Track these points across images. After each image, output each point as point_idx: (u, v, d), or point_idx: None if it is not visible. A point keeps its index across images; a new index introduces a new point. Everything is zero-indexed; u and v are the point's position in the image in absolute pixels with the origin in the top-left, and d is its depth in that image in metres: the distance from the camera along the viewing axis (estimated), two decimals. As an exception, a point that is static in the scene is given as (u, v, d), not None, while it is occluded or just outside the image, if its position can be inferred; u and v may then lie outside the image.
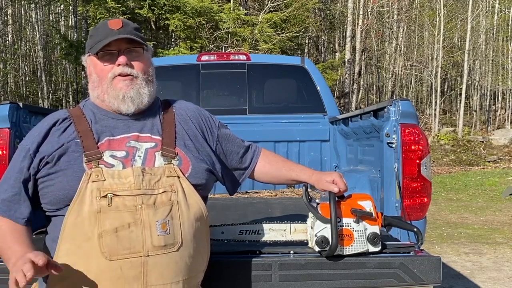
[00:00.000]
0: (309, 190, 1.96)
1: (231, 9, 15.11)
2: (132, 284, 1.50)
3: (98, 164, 1.57)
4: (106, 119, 1.70)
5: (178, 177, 1.62)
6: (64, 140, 1.63)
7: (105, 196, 1.51)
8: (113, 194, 1.52)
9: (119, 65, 1.67)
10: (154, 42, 13.38)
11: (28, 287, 1.66)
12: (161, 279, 1.53)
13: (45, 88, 21.43)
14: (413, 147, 2.55)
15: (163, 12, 13.37)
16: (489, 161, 16.89)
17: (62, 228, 1.52)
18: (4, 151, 2.37)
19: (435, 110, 21.49)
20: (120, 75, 1.67)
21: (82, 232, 1.50)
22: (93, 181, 1.53)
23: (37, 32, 22.86)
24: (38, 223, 1.74)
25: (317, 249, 1.88)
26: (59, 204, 1.58)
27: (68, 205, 1.53)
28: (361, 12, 20.99)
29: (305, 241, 2.03)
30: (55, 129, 1.66)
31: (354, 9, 21.01)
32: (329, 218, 1.84)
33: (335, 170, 4.10)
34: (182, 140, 1.73)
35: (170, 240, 1.55)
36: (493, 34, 25.09)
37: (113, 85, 1.67)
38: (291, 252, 1.95)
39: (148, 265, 1.51)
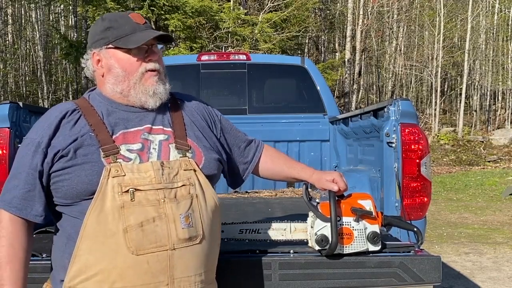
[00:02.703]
0: (309, 189, 1.96)
1: (231, 8, 15.11)
2: (159, 278, 1.50)
3: (116, 159, 1.55)
4: (117, 111, 1.66)
5: (194, 170, 1.63)
6: (77, 133, 1.59)
7: (127, 191, 1.50)
8: (135, 189, 1.51)
9: (149, 60, 1.67)
10: (154, 42, 13.35)
11: (39, 286, 1.68)
12: (186, 272, 1.55)
13: (45, 88, 21.45)
14: (413, 146, 2.55)
15: (162, 12, 13.37)
16: (489, 161, 16.90)
17: (83, 226, 1.49)
18: (4, 151, 2.37)
19: (435, 110, 21.50)
20: (150, 70, 1.67)
21: (106, 228, 1.48)
22: (113, 177, 1.50)
23: (37, 32, 22.88)
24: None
25: (317, 248, 1.89)
26: (75, 198, 1.55)
27: (85, 199, 1.52)
28: (361, 12, 21.00)
29: (305, 240, 2.03)
30: (65, 121, 1.61)
31: (354, 9, 21.01)
32: (329, 216, 1.84)
33: (335, 170, 4.10)
34: (192, 131, 1.73)
35: (193, 232, 1.56)
36: (493, 34, 25.09)
37: (143, 80, 1.66)
38: (291, 251, 1.95)
39: (174, 258, 1.52)
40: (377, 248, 1.91)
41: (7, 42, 23.12)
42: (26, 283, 1.55)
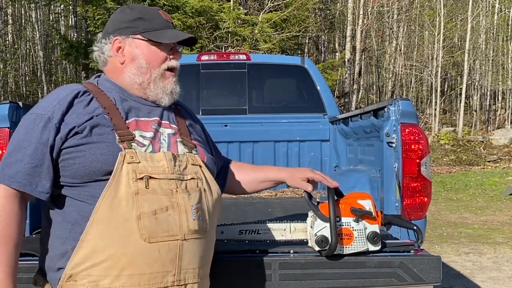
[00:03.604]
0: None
1: (231, 8, 15.11)
2: (168, 267, 1.50)
3: (131, 145, 1.53)
4: (129, 100, 1.65)
5: (200, 166, 1.65)
6: (91, 112, 1.55)
7: (141, 178, 1.49)
8: (149, 177, 1.50)
9: (172, 58, 1.71)
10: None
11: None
12: (192, 264, 1.55)
13: (45, 88, 21.44)
14: (413, 146, 2.56)
15: (162, 12, 13.35)
16: (489, 161, 16.90)
17: (95, 210, 1.46)
18: (4, 151, 2.37)
19: (435, 110, 21.51)
20: (171, 69, 1.72)
21: (119, 214, 1.46)
22: (128, 163, 1.49)
23: (37, 32, 22.89)
24: (38, 222, 1.72)
25: (317, 248, 1.88)
26: (86, 177, 1.50)
27: (97, 180, 1.49)
28: (361, 12, 21.00)
29: (305, 240, 2.03)
30: (78, 100, 1.57)
31: (354, 9, 21.02)
32: (328, 217, 1.85)
33: (335, 170, 4.11)
34: (192, 134, 1.77)
35: (202, 225, 1.58)
36: (493, 34, 25.10)
37: (163, 77, 1.69)
38: (291, 251, 1.95)
39: (184, 248, 1.52)
40: (377, 248, 1.91)
41: (7, 42, 23.13)
42: (17, 265, 1.49)
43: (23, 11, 24.08)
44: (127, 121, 1.59)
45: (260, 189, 2.09)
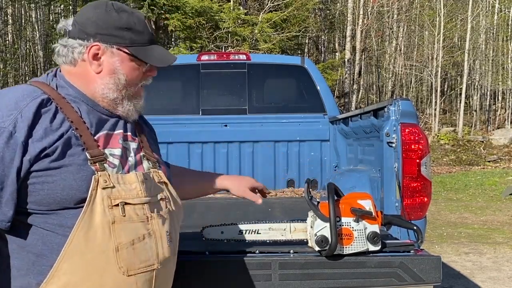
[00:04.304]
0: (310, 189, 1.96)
1: (231, 8, 15.11)
2: None
3: (104, 167, 1.38)
4: (93, 111, 1.47)
5: (165, 183, 1.56)
6: (58, 127, 1.36)
7: (117, 205, 1.36)
8: (125, 203, 1.38)
9: (150, 75, 1.56)
10: (154, 42, 13.37)
11: None
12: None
13: (45, 88, 21.40)
14: (413, 146, 2.56)
15: (162, 12, 13.37)
16: (489, 161, 16.90)
17: (68, 242, 1.31)
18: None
19: (435, 110, 21.51)
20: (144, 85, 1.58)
21: (95, 245, 1.33)
22: (102, 188, 1.35)
23: (37, 32, 22.88)
24: None
25: (317, 248, 1.88)
26: (54, 205, 1.33)
27: (67, 208, 1.34)
28: (361, 12, 21.01)
29: (305, 240, 2.03)
30: (43, 111, 1.35)
31: (354, 9, 21.02)
32: (328, 217, 1.85)
33: (335, 170, 4.11)
34: (151, 144, 1.65)
35: (174, 248, 1.52)
36: (493, 34, 25.10)
37: (136, 94, 1.53)
38: (291, 251, 1.95)
39: (159, 276, 1.45)
40: (377, 248, 1.91)
41: (7, 42, 23.11)
42: None
43: (23, 11, 24.07)
44: (95, 137, 1.43)
45: (199, 196, 2.02)
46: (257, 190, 2.02)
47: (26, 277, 1.34)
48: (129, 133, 1.54)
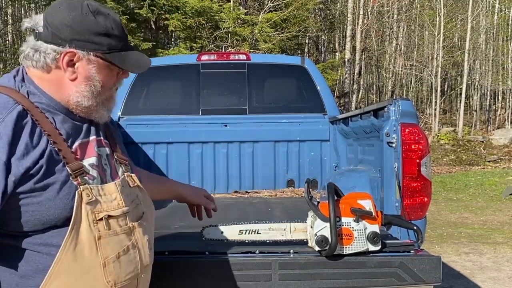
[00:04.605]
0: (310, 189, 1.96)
1: (231, 8, 15.12)
2: None
3: (84, 180, 1.34)
4: (65, 118, 1.40)
5: (138, 186, 1.53)
6: (38, 142, 1.29)
7: (101, 219, 1.33)
8: (108, 215, 1.35)
9: (122, 77, 1.50)
10: (154, 42, 13.39)
11: None
12: None
13: (45, 88, 21.42)
14: (413, 146, 2.56)
15: (162, 12, 13.38)
16: (489, 161, 16.91)
17: (56, 261, 1.27)
18: None
19: (435, 109, 21.51)
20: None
21: (82, 262, 1.30)
22: (86, 203, 1.31)
23: (37, 32, 22.86)
24: None
25: (317, 248, 1.88)
26: (39, 226, 1.28)
27: (51, 227, 1.29)
28: (361, 12, 21.01)
29: (305, 240, 2.03)
30: (21, 125, 1.28)
31: (354, 9, 21.02)
32: (328, 217, 1.85)
33: (335, 170, 4.11)
34: (119, 144, 1.61)
35: (152, 254, 1.53)
36: (493, 33, 25.11)
37: (110, 97, 1.48)
38: (291, 251, 1.95)
39: (139, 283, 1.46)
40: (377, 248, 1.91)
41: (7, 42, 23.12)
42: None
43: (23, 11, 24.07)
44: (72, 148, 1.37)
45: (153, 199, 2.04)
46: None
47: None
48: (101, 138, 1.50)
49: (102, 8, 1.43)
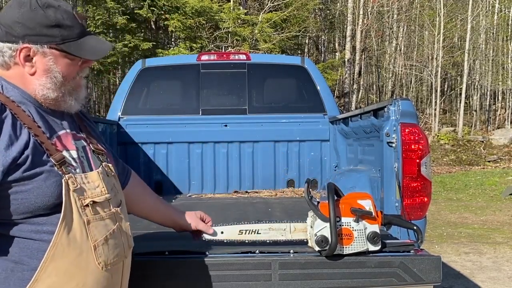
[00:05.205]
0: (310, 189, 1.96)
1: (231, 8, 15.12)
2: None
3: (68, 169, 1.39)
4: (40, 112, 1.45)
5: (114, 176, 1.60)
6: (20, 135, 1.34)
7: (87, 205, 1.41)
8: (93, 201, 1.42)
9: (86, 65, 1.53)
10: (154, 43, 13.39)
11: None
12: (125, 281, 1.59)
13: (45, 88, 21.42)
14: (413, 146, 2.56)
15: (162, 12, 13.38)
16: (489, 161, 16.91)
17: (51, 246, 1.33)
18: None
19: (435, 109, 21.51)
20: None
21: (76, 246, 1.37)
22: (73, 190, 1.38)
23: (37, 32, 22.86)
24: None
25: (317, 248, 1.88)
26: (28, 213, 1.34)
27: (41, 214, 1.35)
28: (361, 12, 21.02)
29: (305, 240, 2.03)
30: (3, 117, 1.34)
31: (354, 9, 21.03)
32: (328, 217, 1.85)
33: (335, 170, 4.11)
34: (92, 133, 1.65)
35: (132, 240, 1.61)
36: (493, 33, 25.11)
37: (76, 86, 1.51)
38: (291, 251, 1.95)
39: (124, 265, 1.55)
40: (377, 248, 1.91)
41: None
42: None
43: None
44: (51, 140, 1.41)
45: (145, 218, 1.99)
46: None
47: (5, 284, 1.35)
48: (75, 131, 1.54)
49: (52, 0, 1.45)
